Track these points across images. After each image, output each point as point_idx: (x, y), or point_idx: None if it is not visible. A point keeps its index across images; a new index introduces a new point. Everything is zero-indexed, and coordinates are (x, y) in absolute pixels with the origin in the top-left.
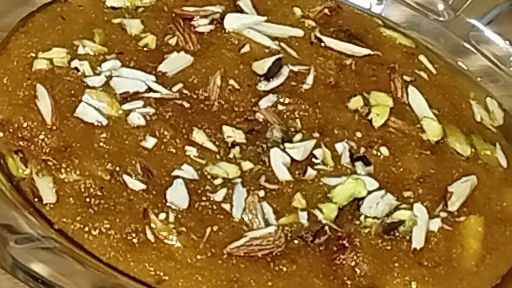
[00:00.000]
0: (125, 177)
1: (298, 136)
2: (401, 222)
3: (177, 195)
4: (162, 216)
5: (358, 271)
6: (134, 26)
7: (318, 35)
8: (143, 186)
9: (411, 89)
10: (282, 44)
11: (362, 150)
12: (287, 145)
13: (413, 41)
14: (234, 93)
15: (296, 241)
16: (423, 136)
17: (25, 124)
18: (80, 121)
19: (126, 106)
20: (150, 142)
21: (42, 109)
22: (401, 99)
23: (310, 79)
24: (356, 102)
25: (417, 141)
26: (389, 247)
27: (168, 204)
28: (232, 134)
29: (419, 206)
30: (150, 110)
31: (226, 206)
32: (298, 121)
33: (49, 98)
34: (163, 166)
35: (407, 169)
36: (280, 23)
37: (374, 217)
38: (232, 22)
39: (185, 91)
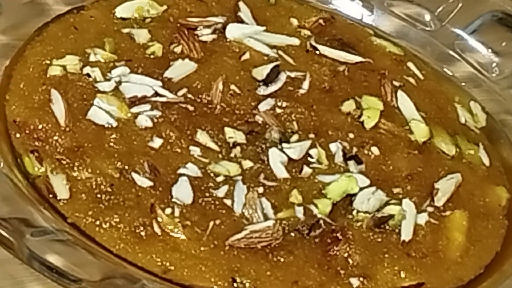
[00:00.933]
0: (134, 174)
1: (294, 137)
2: (391, 216)
3: (182, 192)
4: (168, 211)
5: (350, 261)
6: (142, 35)
7: (313, 43)
8: (150, 183)
9: (400, 93)
10: (280, 52)
11: (355, 150)
12: (284, 145)
13: (402, 49)
14: (235, 97)
15: (293, 234)
16: (411, 137)
17: (40, 126)
18: (92, 123)
19: (134, 109)
20: (156, 142)
21: (56, 112)
22: (391, 102)
23: (306, 84)
24: (348, 106)
25: (406, 142)
26: (379, 240)
27: (173, 199)
28: (233, 135)
29: (407, 201)
30: (156, 113)
31: (228, 202)
32: (294, 123)
33: (63, 102)
34: (169, 164)
35: (396, 167)
36: (278, 33)
37: (365, 212)
38: (233, 31)
39: (189, 96)
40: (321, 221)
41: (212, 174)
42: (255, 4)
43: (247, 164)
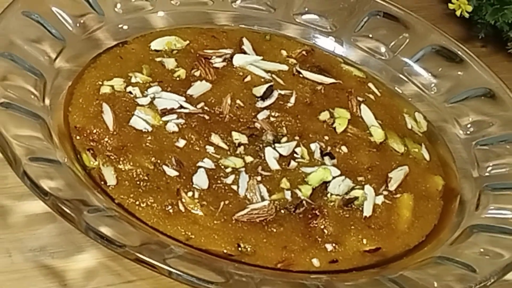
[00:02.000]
0: (164, 167)
1: (284, 139)
2: (356, 198)
3: (200, 179)
4: (190, 194)
5: (326, 232)
6: (170, 63)
7: (298, 69)
8: (177, 173)
9: (363, 106)
10: (273, 75)
11: (329, 148)
12: (276, 145)
13: (364, 73)
14: (240, 109)
15: (282, 211)
16: (371, 139)
17: (94, 131)
18: (133, 128)
19: (165, 118)
20: (181, 143)
21: (106, 120)
22: (356, 113)
23: (292, 99)
24: (324, 115)
25: (367, 142)
26: (347, 215)
27: (194, 185)
28: (239, 137)
29: (368, 187)
30: (181, 121)
31: (234, 187)
32: (284, 128)
33: (111, 112)
34: (190, 159)
35: (360, 162)
36: (271, 61)
37: (337, 195)
38: (238, 60)
39: (206, 108)
40: (304, 202)
41: (222, 167)
42: (255, 39)
43: (249, 159)
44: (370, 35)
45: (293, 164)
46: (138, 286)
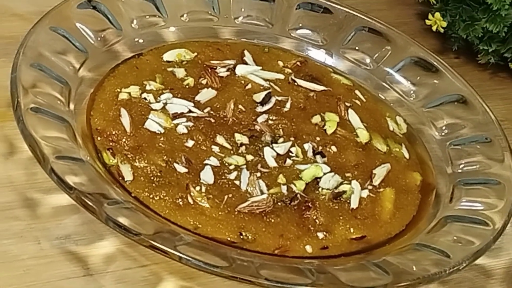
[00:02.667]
0: (175, 164)
1: (281, 140)
2: (344, 192)
3: (207, 175)
4: (198, 188)
5: (317, 222)
6: (180, 72)
7: (293, 78)
8: (186, 170)
9: (350, 111)
10: (271, 83)
11: (320, 148)
12: (274, 145)
13: (351, 81)
14: (241, 113)
15: (279, 203)
16: (357, 140)
17: (113, 132)
18: (147, 130)
19: (175, 121)
20: (190, 143)
21: (124, 123)
22: (344, 117)
23: (288, 105)
24: (316, 119)
25: (354, 143)
26: (336, 207)
27: (201, 181)
28: (241, 138)
29: (355, 182)
30: (190, 123)
31: (237, 182)
32: (281, 130)
33: (128, 116)
34: (198, 158)
35: (348, 160)
36: (269, 71)
37: (327, 189)
38: (240, 70)
39: (211, 112)
40: (298, 195)
41: (226, 164)
42: (255, 51)
43: (250, 157)
44: (357, 48)
45: (288, 162)
46: (152, 269)
